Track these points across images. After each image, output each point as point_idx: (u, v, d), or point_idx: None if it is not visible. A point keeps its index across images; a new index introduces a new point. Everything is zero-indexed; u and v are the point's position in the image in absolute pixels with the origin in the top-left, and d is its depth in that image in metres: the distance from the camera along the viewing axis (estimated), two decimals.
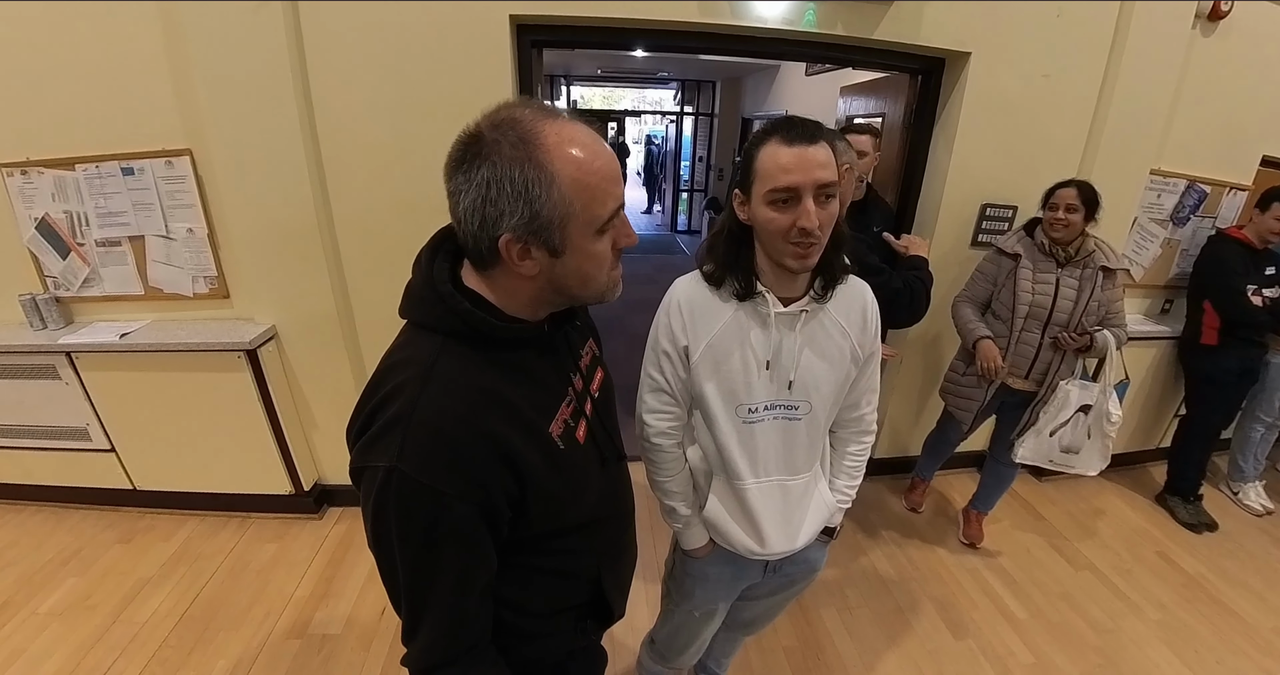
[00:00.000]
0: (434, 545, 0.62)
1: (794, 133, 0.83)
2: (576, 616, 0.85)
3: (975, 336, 1.94)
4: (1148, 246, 2.52)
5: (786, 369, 0.96)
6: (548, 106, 0.62)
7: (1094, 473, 1.94)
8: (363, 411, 0.64)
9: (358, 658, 1.76)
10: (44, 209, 1.96)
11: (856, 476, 1.15)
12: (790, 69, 5.03)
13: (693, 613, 1.19)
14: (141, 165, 1.89)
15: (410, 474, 0.58)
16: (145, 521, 2.33)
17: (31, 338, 2.02)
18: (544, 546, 0.75)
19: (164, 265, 2.04)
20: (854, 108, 2.92)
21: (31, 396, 2.12)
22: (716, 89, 7.45)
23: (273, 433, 2.17)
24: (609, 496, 0.84)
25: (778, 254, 0.89)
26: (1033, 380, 1.94)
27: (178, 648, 1.78)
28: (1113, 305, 1.85)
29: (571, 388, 0.77)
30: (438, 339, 0.65)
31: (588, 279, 0.67)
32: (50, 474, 2.31)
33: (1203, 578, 2.21)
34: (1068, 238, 1.82)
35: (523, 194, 0.58)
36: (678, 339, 0.96)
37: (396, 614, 0.68)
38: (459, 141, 0.60)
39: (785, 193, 0.83)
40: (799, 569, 1.18)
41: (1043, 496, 2.67)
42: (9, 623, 1.85)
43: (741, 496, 1.02)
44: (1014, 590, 2.11)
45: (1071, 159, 2.18)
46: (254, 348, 2.00)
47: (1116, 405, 1.87)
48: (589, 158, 0.60)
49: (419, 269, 0.67)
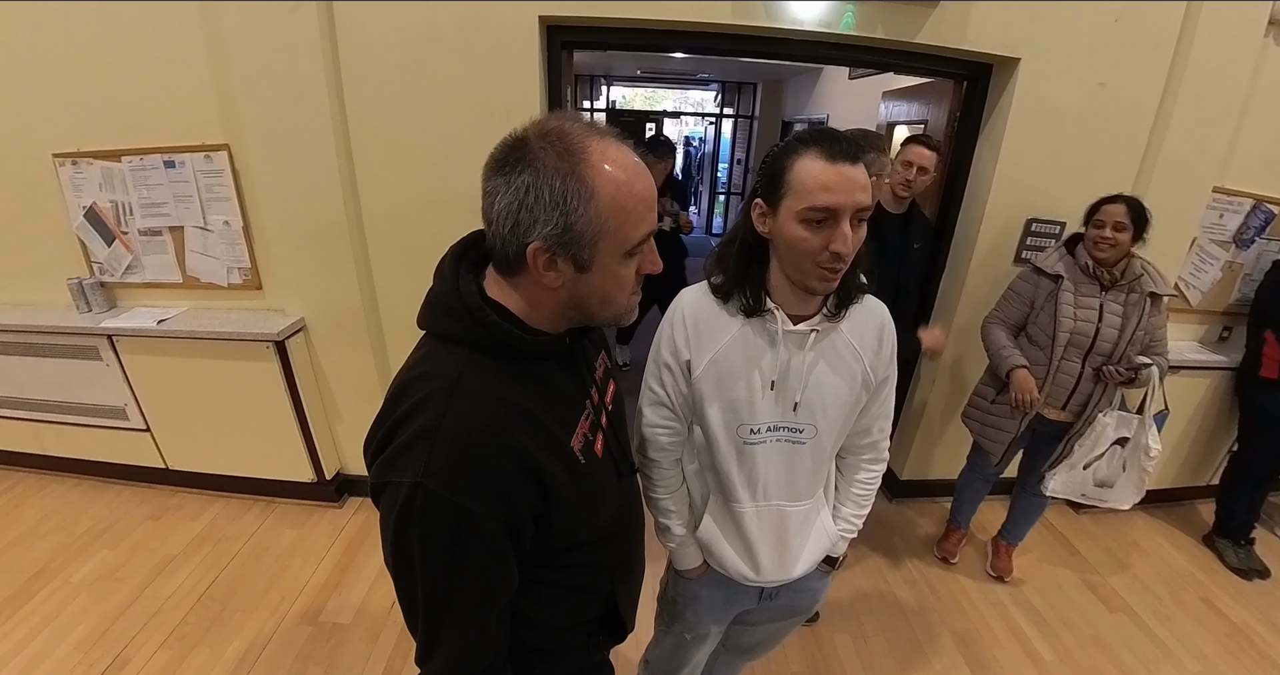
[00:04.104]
0: (457, 563, 0.60)
1: (837, 149, 0.77)
2: (589, 632, 0.85)
3: (1009, 365, 1.80)
4: (1207, 269, 2.36)
5: (793, 390, 0.91)
6: (596, 124, 0.62)
7: (1127, 506, 1.82)
8: (383, 425, 0.62)
9: (365, 648, 1.79)
10: (92, 198, 2.06)
11: (865, 505, 1.10)
12: (833, 72, 4.92)
13: (684, 635, 1.16)
14: (182, 159, 1.96)
15: (436, 490, 0.57)
16: (176, 500, 2.43)
17: (77, 320, 2.13)
18: (559, 561, 0.74)
19: (201, 255, 2.12)
20: (895, 113, 2.82)
21: (76, 376, 2.23)
22: (757, 91, 7.34)
23: (298, 421, 2.23)
24: (623, 510, 0.83)
25: (801, 274, 0.84)
26: (1070, 411, 1.82)
27: (196, 625, 1.85)
28: (1156, 332, 1.73)
29: (589, 400, 0.76)
30: (463, 351, 0.64)
31: (608, 299, 0.67)
32: (91, 449, 2.43)
33: (1250, 628, 2.05)
34: (1113, 258, 1.69)
35: (560, 205, 0.57)
36: (680, 352, 0.93)
37: (411, 634, 0.66)
38: (504, 143, 0.60)
39: (823, 213, 0.78)
40: (799, 598, 1.13)
41: (1079, 529, 2.52)
42: (43, 590, 1.95)
43: (738, 519, 0.98)
44: (1042, 629, 2.00)
45: (1127, 173, 2.05)
46: (282, 339, 2.06)
47: (1156, 438, 1.74)
48: (630, 179, 0.60)
49: (442, 278, 0.66)
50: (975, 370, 2.30)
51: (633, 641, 1.69)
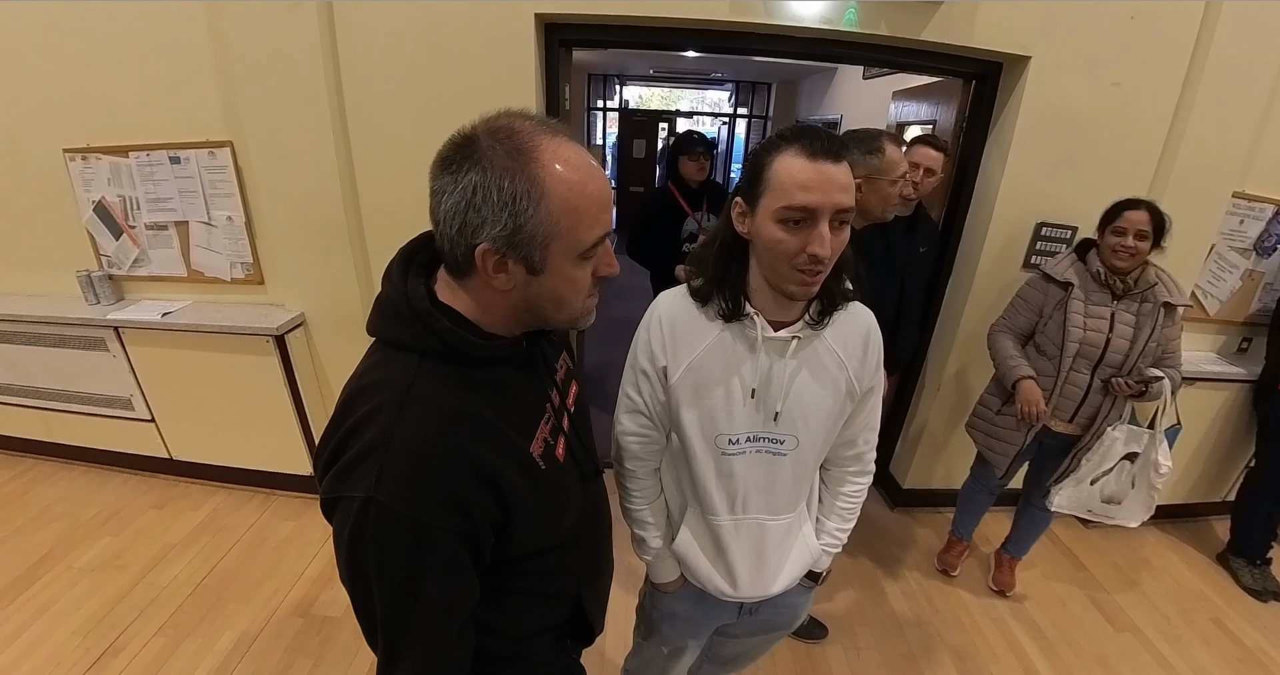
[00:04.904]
0: (415, 578, 0.59)
1: (817, 145, 0.73)
2: (556, 636, 0.83)
3: (1016, 376, 1.75)
4: (1226, 278, 2.27)
5: (774, 399, 0.88)
6: (549, 122, 0.60)
7: (1134, 524, 1.76)
8: (332, 439, 0.61)
9: (353, 643, 1.79)
10: (101, 192, 2.10)
11: (850, 519, 1.06)
12: (847, 72, 4.85)
13: (660, 648, 1.14)
14: (188, 155, 1.99)
15: (389, 504, 0.55)
16: (179, 489, 2.47)
17: (85, 311, 2.17)
18: (522, 568, 0.72)
19: (205, 250, 2.14)
20: (905, 113, 2.77)
21: (83, 366, 2.28)
22: (772, 91, 7.29)
23: (297, 415, 2.25)
24: (588, 513, 0.82)
25: (779, 278, 0.81)
26: (1078, 424, 1.76)
27: (191, 614, 1.87)
28: (1170, 344, 1.66)
29: (550, 403, 0.74)
30: (413, 359, 0.61)
31: (562, 302, 0.65)
32: (97, 438, 2.48)
33: (1263, 653, 1.97)
34: (1131, 267, 1.63)
35: (509, 205, 0.56)
36: (656, 358, 0.90)
37: (371, 650, 0.64)
38: (451, 141, 0.58)
39: (800, 213, 0.74)
40: (779, 614, 1.10)
41: (1087, 544, 2.45)
42: (46, 574, 2.00)
43: (715, 533, 0.96)
44: (1043, 646, 1.94)
45: (1142, 177, 1.98)
46: (282, 333, 2.08)
47: (1167, 454, 1.68)
48: (583, 179, 0.58)
49: (390, 283, 0.64)
50: (979, 378, 2.24)
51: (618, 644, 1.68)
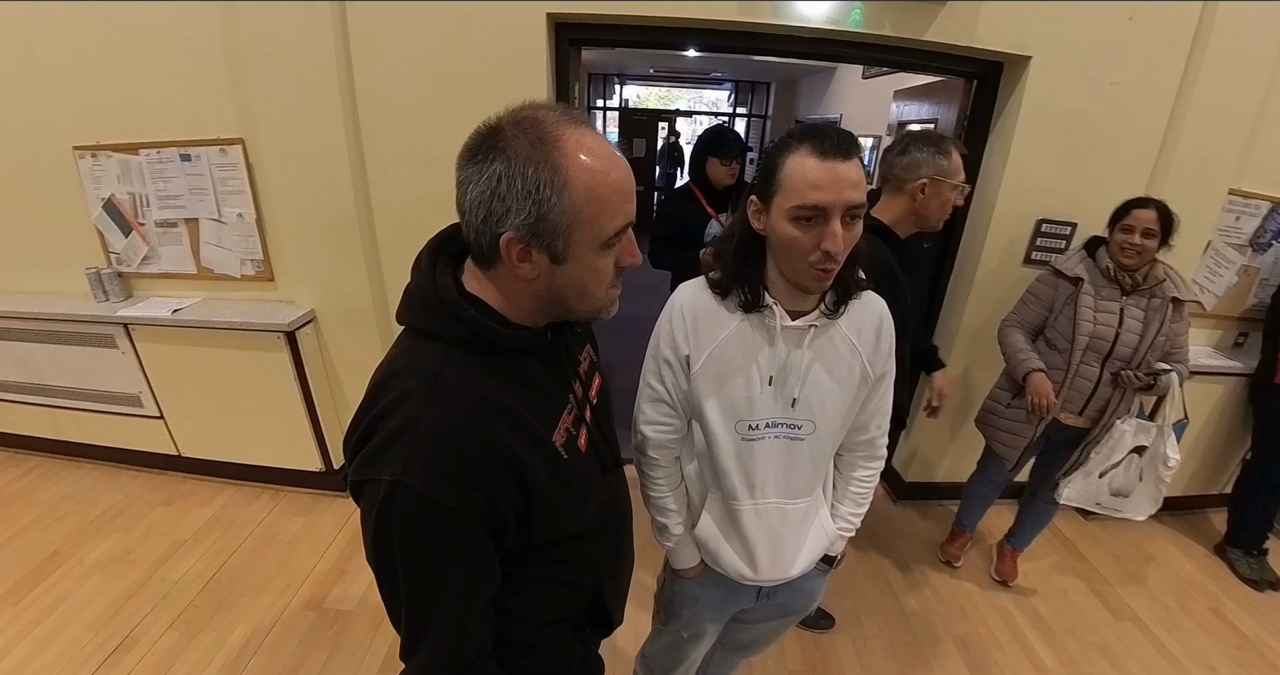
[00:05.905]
0: (438, 560, 0.61)
1: (828, 144, 0.76)
2: (575, 625, 0.84)
3: (1027, 369, 1.78)
4: (1222, 273, 2.31)
5: (791, 386, 0.91)
6: (573, 112, 0.61)
7: (1142, 517, 1.79)
8: (362, 422, 0.62)
9: (366, 636, 1.81)
10: (110, 190, 2.10)
11: (863, 504, 1.09)
12: (846, 71, 4.89)
13: (680, 633, 1.16)
14: (198, 152, 2.00)
15: (415, 488, 0.57)
16: (187, 486, 2.48)
17: (94, 309, 2.18)
18: (544, 556, 0.74)
19: (215, 247, 2.16)
20: (906, 113, 2.81)
21: (93, 363, 2.28)
22: (771, 91, 7.32)
23: (307, 411, 2.26)
24: (609, 504, 0.83)
25: (795, 273, 0.85)
26: (1087, 417, 1.79)
27: (203, 608, 1.88)
28: (1178, 339, 1.70)
29: (572, 395, 0.76)
30: (441, 347, 0.63)
31: (585, 292, 0.66)
32: (106, 435, 2.48)
33: (1260, 641, 2.01)
34: (1139, 264, 1.67)
35: (533, 194, 0.57)
36: (679, 347, 0.93)
37: (395, 629, 0.66)
38: (477, 132, 0.60)
39: (812, 211, 0.77)
40: (796, 598, 1.13)
41: (1087, 536, 2.49)
42: (57, 571, 2.00)
43: (735, 517, 0.98)
44: (1045, 636, 1.97)
45: (1140, 174, 2.02)
46: (292, 330, 2.09)
47: (1174, 448, 1.71)
48: (605, 168, 0.59)
49: (419, 273, 0.66)
50: (984, 373, 2.28)
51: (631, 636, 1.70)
